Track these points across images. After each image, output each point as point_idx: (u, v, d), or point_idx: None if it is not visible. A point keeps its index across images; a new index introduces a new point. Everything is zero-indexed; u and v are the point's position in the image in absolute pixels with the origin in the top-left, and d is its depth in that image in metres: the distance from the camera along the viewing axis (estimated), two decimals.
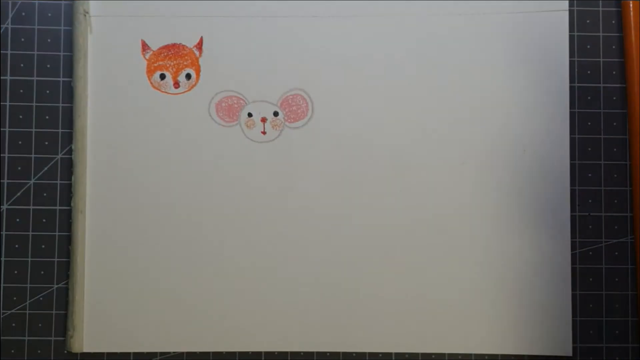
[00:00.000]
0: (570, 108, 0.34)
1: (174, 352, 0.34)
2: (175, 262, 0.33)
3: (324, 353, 0.34)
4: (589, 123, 0.35)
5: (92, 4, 0.34)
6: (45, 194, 0.34)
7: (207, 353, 0.34)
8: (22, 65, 0.34)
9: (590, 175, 0.34)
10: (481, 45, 0.34)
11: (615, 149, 0.34)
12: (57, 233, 0.34)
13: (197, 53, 0.34)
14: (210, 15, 0.34)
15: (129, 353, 0.33)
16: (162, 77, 0.34)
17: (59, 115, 0.34)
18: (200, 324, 0.33)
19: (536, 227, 0.34)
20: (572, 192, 0.34)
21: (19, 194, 0.34)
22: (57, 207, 0.34)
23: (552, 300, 0.33)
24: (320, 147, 0.34)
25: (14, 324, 0.34)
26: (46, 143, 0.34)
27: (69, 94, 0.34)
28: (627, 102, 0.34)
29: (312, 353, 0.34)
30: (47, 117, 0.34)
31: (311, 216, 0.33)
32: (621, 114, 0.35)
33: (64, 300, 0.34)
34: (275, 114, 0.34)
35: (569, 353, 0.33)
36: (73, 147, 0.34)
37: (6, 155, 0.34)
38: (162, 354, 0.34)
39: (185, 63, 0.34)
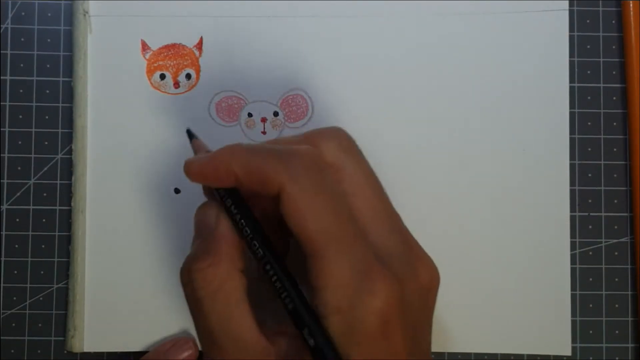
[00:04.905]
0: (570, 108, 0.34)
1: None
2: (176, 262, 0.33)
3: None
4: (589, 123, 0.35)
5: (92, 4, 0.34)
6: (45, 194, 0.34)
7: None
8: (21, 65, 0.34)
9: (590, 175, 0.34)
10: (480, 45, 0.34)
11: (615, 149, 0.34)
12: (57, 233, 0.34)
13: (197, 53, 0.34)
14: (210, 15, 0.34)
15: (129, 353, 0.33)
16: (162, 77, 0.34)
17: (59, 115, 0.34)
18: None
19: (536, 227, 0.34)
20: (572, 192, 0.34)
21: (18, 194, 0.34)
22: (57, 207, 0.34)
23: (552, 300, 0.33)
24: None
25: (13, 324, 0.34)
26: (46, 143, 0.34)
27: (69, 94, 0.34)
28: (627, 102, 0.34)
29: None
30: (47, 117, 0.34)
31: None
32: (621, 114, 0.35)
33: (64, 300, 0.34)
34: (276, 114, 0.34)
35: (568, 353, 0.33)
36: (73, 147, 0.34)
37: (6, 155, 0.34)
38: None
39: (185, 63, 0.34)
